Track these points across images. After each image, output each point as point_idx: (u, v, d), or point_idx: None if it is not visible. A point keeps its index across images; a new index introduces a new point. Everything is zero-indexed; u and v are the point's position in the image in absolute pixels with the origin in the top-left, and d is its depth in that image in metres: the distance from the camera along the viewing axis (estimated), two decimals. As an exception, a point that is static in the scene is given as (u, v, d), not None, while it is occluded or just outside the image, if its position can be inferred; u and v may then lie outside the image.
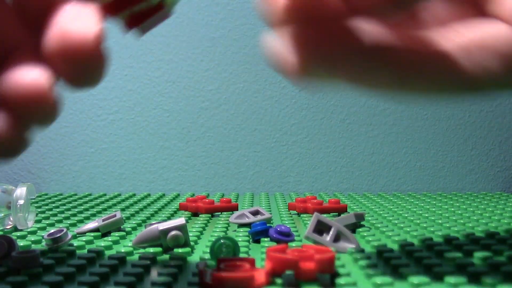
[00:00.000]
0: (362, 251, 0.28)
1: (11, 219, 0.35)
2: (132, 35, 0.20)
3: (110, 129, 0.64)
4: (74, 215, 0.43)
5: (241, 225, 0.37)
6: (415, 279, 0.22)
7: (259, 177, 0.64)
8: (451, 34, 0.21)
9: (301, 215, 0.41)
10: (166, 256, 0.28)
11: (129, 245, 0.30)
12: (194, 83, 0.64)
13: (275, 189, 0.64)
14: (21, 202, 0.35)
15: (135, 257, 0.28)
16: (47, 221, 0.39)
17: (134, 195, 0.58)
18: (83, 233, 0.34)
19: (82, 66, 0.16)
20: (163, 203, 0.50)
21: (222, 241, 0.26)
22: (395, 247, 0.30)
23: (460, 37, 0.21)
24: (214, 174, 0.64)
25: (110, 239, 0.32)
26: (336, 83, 0.22)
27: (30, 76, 0.16)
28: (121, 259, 0.27)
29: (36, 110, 0.16)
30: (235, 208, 0.44)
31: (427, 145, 0.66)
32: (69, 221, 0.40)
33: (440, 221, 0.39)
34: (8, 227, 0.36)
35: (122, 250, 0.29)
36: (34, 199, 0.51)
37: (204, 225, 0.37)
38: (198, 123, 0.64)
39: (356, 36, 0.20)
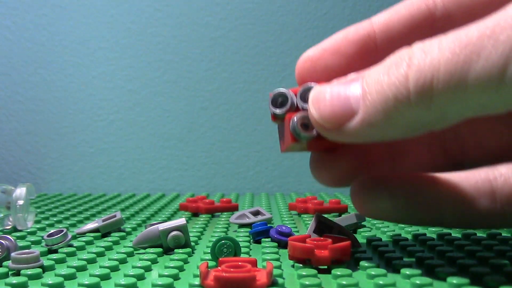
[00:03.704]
0: (363, 251, 0.28)
1: (11, 219, 0.35)
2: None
3: (110, 129, 0.64)
4: (74, 215, 0.43)
5: (242, 226, 0.37)
6: (417, 280, 0.22)
7: (259, 177, 0.64)
8: None
9: (302, 216, 0.41)
10: (166, 257, 0.28)
11: (129, 245, 0.30)
12: (194, 83, 0.64)
13: (276, 189, 0.64)
14: (21, 202, 0.35)
15: (136, 257, 0.28)
16: (47, 222, 0.39)
17: (134, 195, 0.58)
18: (83, 234, 0.34)
19: None
20: (163, 204, 0.50)
21: (222, 241, 0.26)
22: (397, 247, 0.30)
23: None
24: (214, 174, 0.64)
25: (110, 240, 0.32)
26: None
27: None
28: (122, 260, 0.27)
29: None
30: (236, 208, 0.44)
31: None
32: (69, 222, 0.39)
33: (441, 221, 0.39)
34: (8, 227, 0.36)
35: (122, 251, 0.28)
36: (33, 199, 0.51)
37: (204, 225, 0.37)
38: (198, 123, 0.64)
39: None
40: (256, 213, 0.38)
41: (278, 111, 0.23)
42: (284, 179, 0.64)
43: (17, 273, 0.24)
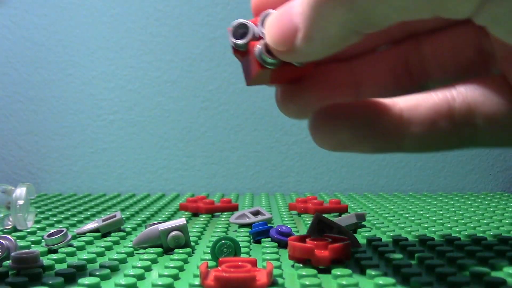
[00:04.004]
0: (363, 251, 0.28)
1: (11, 219, 0.35)
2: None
3: (110, 129, 0.64)
4: (74, 215, 0.43)
5: (242, 226, 0.37)
6: (417, 280, 0.22)
7: (259, 177, 0.64)
8: None
9: (302, 216, 0.41)
10: (166, 257, 0.28)
11: (129, 245, 0.30)
12: (194, 83, 0.64)
13: (275, 189, 0.64)
14: (21, 202, 0.35)
15: (136, 257, 0.28)
16: (47, 222, 0.39)
17: (134, 195, 0.58)
18: (83, 234, 0.34)
19: None
20: (163, 203, 0.50)
21: (222, 241, 0.26)
22: (397, 247, 0.30)
23: None
24: (214, 174, 0.64)
25: (110, 240, 0.32)
26: None
27: None
28: (122, 260, 0.27)
29: None
30: (236, 208, 0.44)
31: (428, 145, 0.66)
32: (69, 222, 0.39)
33: (441, 221, 0.39)
34: (8, 227, 0.36)
35: (122, 251, 0.28)
36: (33, 199, 0.51)
37: (204, 225, 0.37)
38: (198, 123, 0.64)
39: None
40: (256, 213, 0.38)
41: (240, 42, 0.23)
42: (284, 179, 0.64)
43: (17, 273, 0.24)
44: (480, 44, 0.23)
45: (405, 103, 0.22)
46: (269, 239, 0.31)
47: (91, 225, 0.34)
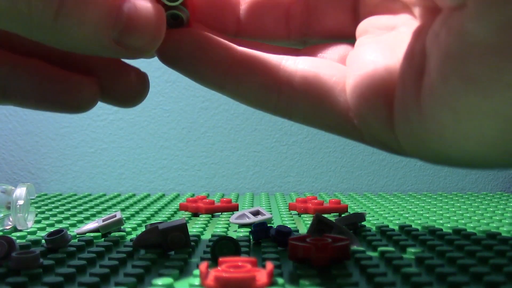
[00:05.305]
0: (363, 251, 0.28)
1: (11, 219, 0.35)
2: None
3: (110, 129, 0.64)
4: (74, 215, 0.43)
5: (242, 226, 0.37)
6: (417, 279, 0.22)
7: (259, 177, 0.64)
8: None
9: (302, 215, 0.41)
10: (166, 257, 0.28)
11: (129, 245, 0.30)
12: (194, 83, 0.64)
13: (275, 189, 0.64)
14: (21, 202, 0.35)
15: (136, 257, 0.28)
16: (47, 222, 0.39)
17: (134, 195, 0.58)
18: (83, 234, 0.34)
19: None
20: (163, 203, 0.50)
21: (223, 241, 0.26)
22: (397, 247, 0.30)
23: None
24: (214, 174, 0.64)
25: (110, 240, 0.32)
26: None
27: None
28: (122, 260, 0.27)
29: None
30: (236, 208, 0.44)
31: (428, 145, 0.66)
32: (69, 222, 0.39)
33: (441, 221, 0.39)
34: (8, 227, 0.36)
35: (123, 251, 0.28)
36: (33, 199, 0.51)
37: (204, 225, 0.37)
38: (198, 123, 0.64)
39: None
40: (256, 213, 0.38)
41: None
42: (284, 179, 0.64)
43: (17, 273, 0.24)
44: (356, 9, 0.24)
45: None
46: (269, 239, 0.31)
47: (91, 225, 0.34)
